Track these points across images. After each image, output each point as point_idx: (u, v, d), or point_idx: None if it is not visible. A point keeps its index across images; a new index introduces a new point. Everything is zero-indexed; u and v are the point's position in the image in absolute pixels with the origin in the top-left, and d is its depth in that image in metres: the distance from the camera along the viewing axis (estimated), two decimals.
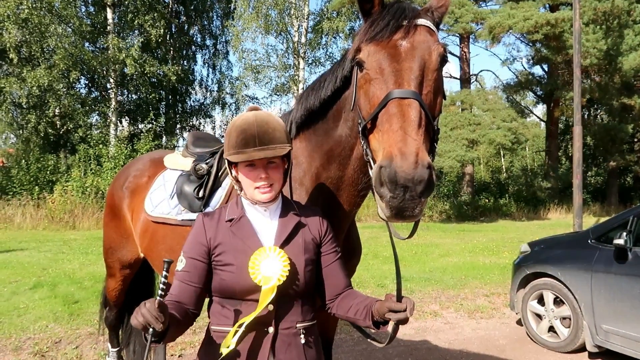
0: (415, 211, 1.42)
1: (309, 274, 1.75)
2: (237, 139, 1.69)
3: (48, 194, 16.37)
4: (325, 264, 1.83)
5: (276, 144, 1.69)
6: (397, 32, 1.61)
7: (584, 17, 18.07)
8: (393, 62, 1.58)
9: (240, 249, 1.70)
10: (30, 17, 17.75)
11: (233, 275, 1.68)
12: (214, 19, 27.23)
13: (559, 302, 4.88)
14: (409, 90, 1.52)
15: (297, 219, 1.79)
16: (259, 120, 1.71)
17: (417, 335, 5.28)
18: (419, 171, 1.38)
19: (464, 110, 20.95)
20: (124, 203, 3.09)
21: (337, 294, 1.84)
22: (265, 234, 1.76)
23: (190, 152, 2.83)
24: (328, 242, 1.84)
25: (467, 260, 9.70)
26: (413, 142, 1.43)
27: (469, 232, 15.36)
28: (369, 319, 1.69)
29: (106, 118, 21.64)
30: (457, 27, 20.31)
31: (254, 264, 1.65)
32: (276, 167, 1.73)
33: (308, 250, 1.77)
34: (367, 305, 1.71)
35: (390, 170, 1.39)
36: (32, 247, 10.90)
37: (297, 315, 1.72)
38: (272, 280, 1.63)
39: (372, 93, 1.61)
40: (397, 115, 1.49)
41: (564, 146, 31.62)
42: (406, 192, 1.39)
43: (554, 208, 22.75)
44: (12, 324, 5.27)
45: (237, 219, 1.76)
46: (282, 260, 1.66)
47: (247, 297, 1.68)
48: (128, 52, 19.84)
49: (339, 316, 1.84)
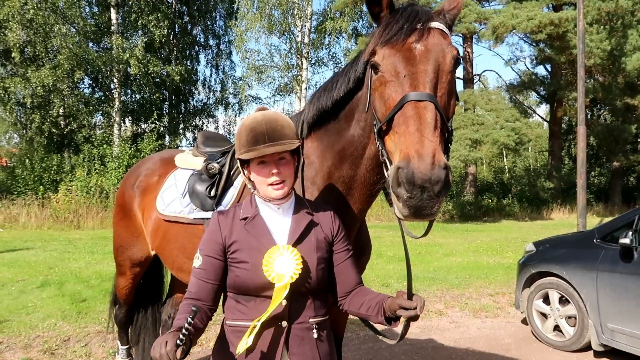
0: (434, 210, 1.46)
1: (321, 271, 1.78)
2: (247, 137, 1.74)
3: (52, 193, 16.44)
4: (337, 261, 1.86)
5: (285, 139, 1.74)
6: (411, 35, 1.64)
7: (588, 17, 18.06)
8: (408, 65, 1.61)
9: (255, 247, 1.74)
10: (35, 17, 17.80)
11: (247, 272, 1.72)
12: (217, 19, 27.26)
13: (565, 301, 4.89)
14: (424, 93, 1.55)
15: (310, 218, 1.83)
16: (267, 118, 1.76)
17: (422, 334, 5.31)
18: (436, 172, 1.41)
19: (467, 110, 20.92)
20: (134, 202, 3.12)
21: (348, 291, 1.87)
22: (279, 232, 1.79)
23: (201, 151, 2.87)
24: (340, 240, 1.88)
25: (471, 260, 9.72)
26: (430, 143, 1.46)
27: (473, 232, 15.37)
28: (381, 315, 1.73)
29: (110, 118, 21.71)
30: (460, 27, 20.29)
31: (268, 262, 1.69)
32: (287, 164, 1.77)
33: (320, 249, 1.80)
34: (379, 302, 1.75)
35: (408, 171, 1.42)
36: (37, 246, 10.95)
37: (310, 311, 1.77)
38: (285, 278, 1.67)
39: (387, 95, 1.64)
40: (413, 117, 1.52)
41: (567, 146, 31.60)
42: (424, 192, 1.42)
43: (557, 208, 22.74)
44: (21, 322, 5.31)
45: (251, 218, 1.80)
46: (295, 259, 1.70)
47: (261, 293, 1.72)
48: (132, 52, 19.89)
49: (351, 312, 1.88)
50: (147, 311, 3.64)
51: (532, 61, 26.58)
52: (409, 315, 1.61)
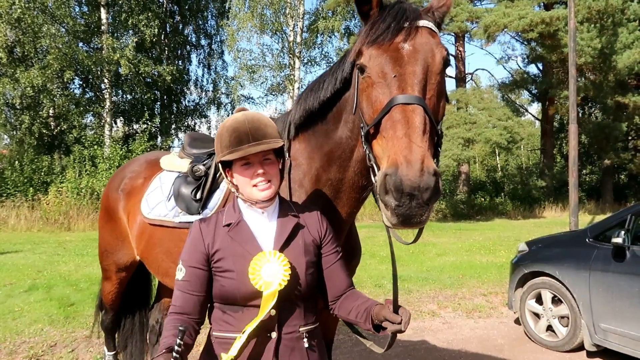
0: (423, 217, 1.41)
1: (310, 276, 1.72)
2: (230, 137, 1.67)
3: (43, 195, 16.26)
4: (327, 264, 1.80)
5: (269, 138, 1.68)
6: (398, 34, 1.59)
7: (579, 16, 18.11)
8: (396, 66, 1.56)
9: (240, 254, 1.67)
10: (23, 16, 17.61)
11: (233, 281, 1.66)
12: (209, 18, 27.17)
13: (557, 301, 4.87)
14: (412, 96, 1.50)
15: (296, 220, 1.77)
16: (249, 118, 1.71)
17: (415, 335, 5.27)
18: (425, 179, 1.36)
19: (459, 109, 20.95)
20: (119, 205, 3.05)
21: (339, 295, 1.82)
22: (264, 237, 1.73)
23: (187, 153, 2.80)
24: (328, 242, 1.82)
25: (464, 260, 9.71)
26: (418, 149, 1.41)
27: (466, 231, 15.38)
28: (369, 323, 1.68)
29: (101, 119, 21.54)
30: (452, 25, 20.33)
31: (254, 269, 1.63)
32: (272, 164, 1.72)
33: (308, 252, 1.74)
34: (367, 309, 1.70)
35: (396, 178, 1.37)
36: (27, 249, 10.81)
37: (300, 319, 1.70)
38: (273, 285, 1.61)
39: (374, 98, 1.59)
40: (401, 121, 1.47)
41: (558, 144, 31.71)
42: (413, 200, 1.37)
43: (549, 206, 22.81)
44: (6, 327, 5.21)
45: (235, 224, 1.73)
46: (282, 265, 1.63)
47: (249, 303, 1.66)
48: (122, 52, 19.75)
49: (341, 317, 1.83)
50: (135, 316, 3.57)
51: (523, 60, 26.68)
52: (393, 329, 1.57)
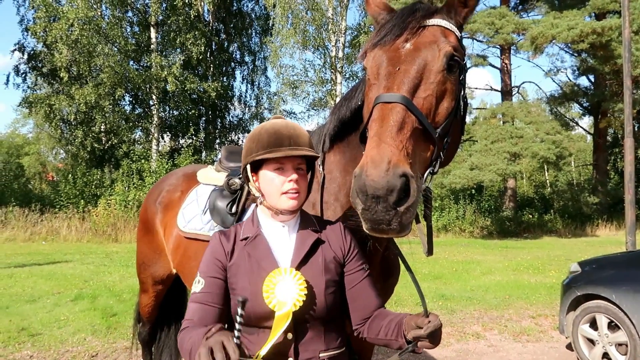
0: (392, 224, 1.28)
1: (330, 296, 1.59)
2: (270, 139, 1.61)
3: (93, 207, 16.93)
4: (351, 284, 1.66)
5: (307, 147, 1.64)
6: (400, 34, 1.55)
7: (634, 25, 17.32)
8: (389, 65, 1.52)
9: (255, 270, 1.58)
10: (80, 38, 18.59)
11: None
12: (253, 35, 27.74)
13: (614, 327, 4.52)
14: (395, 94, 1.43)
15: (316, 236, 1.65)
16: (290, 124, 1.68)
17: (458, 357, 5.03)
18: (390, 179, 1.25)
19: (505, 122, 20.36)
20: (156, 218, 3.07)
21: (366, 317, 1.66)
22: (282, 252, 1.63)
23: (224, 166, 2.78)
24: (353, 259, 1.68)
25: (510, 279, 9.27)
26: (386, 147, 1.31)
27: (512, 249, 14.78)
28: (401, 337, 1.53)
29: (148, 134, 22.31)
30: (497, 38, 19.85)
31: (269, 287, 1.52)
32: (303, 176, 1.65)
33: (329, 270, 1.61)
34: (397, 322, 1.55)
35: (360, 179, 1.28)
36: (76, 259, 11.22)
37: (320, 344, 1.56)
38: (286, 306, 1.49)
39: (369, 99, 1.55)
40: (376, 120, 1.41)
41: (612, 160, 30.25)
42: (379, 203, 1.26)
43: (602, 224, 21.67)
44: (52, 335, 5.36)
45: (252, 238, 1.64)
46: (298, 283, 1.51)
47: (263, 324, 1.53)
48: (170, 70, 20.46)
49: (371, 340, 1.67)
50: (170, 329, 3.57)
51: (573, 72, 25.75)
52: (415, 334, 1.43)
